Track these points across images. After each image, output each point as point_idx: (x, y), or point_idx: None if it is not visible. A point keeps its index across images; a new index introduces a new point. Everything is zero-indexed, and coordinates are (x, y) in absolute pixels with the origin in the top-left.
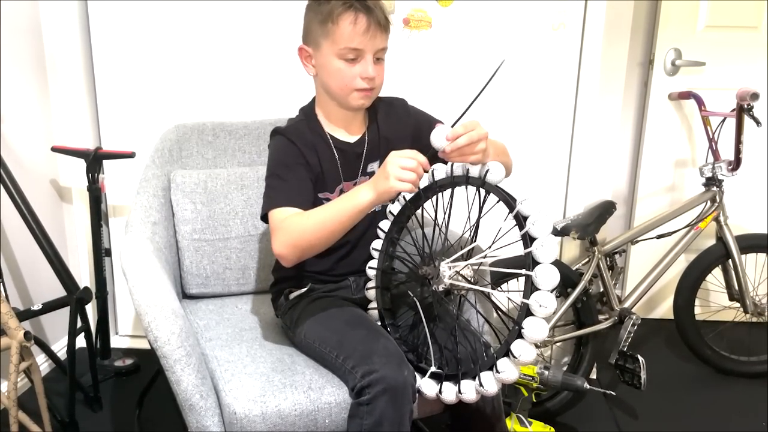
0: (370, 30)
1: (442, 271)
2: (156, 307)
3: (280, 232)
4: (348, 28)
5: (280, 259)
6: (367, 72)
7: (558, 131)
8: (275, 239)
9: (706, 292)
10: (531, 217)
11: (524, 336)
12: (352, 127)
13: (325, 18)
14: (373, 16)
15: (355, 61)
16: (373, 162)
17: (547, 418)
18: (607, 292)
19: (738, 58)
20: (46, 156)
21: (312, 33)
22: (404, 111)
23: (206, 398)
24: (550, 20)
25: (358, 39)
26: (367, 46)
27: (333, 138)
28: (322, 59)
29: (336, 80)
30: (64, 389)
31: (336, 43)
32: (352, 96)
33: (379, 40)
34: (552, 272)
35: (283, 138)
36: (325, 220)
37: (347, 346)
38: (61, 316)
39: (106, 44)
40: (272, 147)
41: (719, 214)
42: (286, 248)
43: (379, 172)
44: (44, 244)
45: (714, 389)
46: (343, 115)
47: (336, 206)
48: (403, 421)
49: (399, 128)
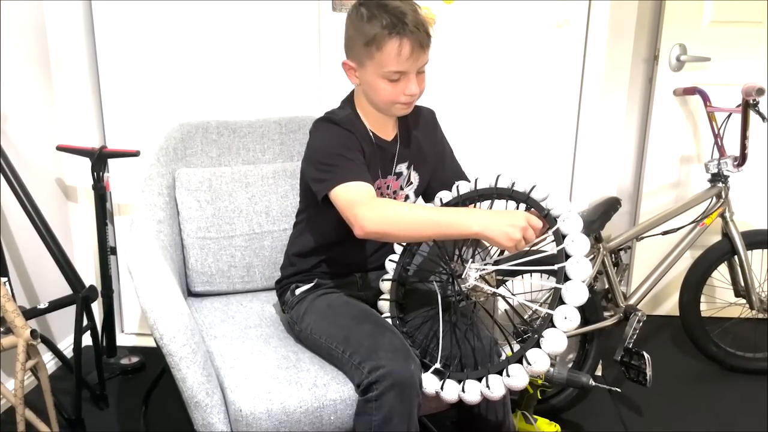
0: (414, 53)
1: (468, 272)
2: (161, 304)
3: (371, 206)
4: (392, 54)
5: (360, 228)
6: (411, 90)
7: (562, 128)
8: (361, 209)
9: (712, 288)
10: (570, 235)
11: (542, 345)
12: (386, 128)
13: (369, 41)
14: (416, 39)
15: (398, 81)
16: (402, 163)
17: (552, 415)
18: (612, 288)
19: (743, 53)
20: (51, 155)
21: (355, 50)
22: (433, 123)
23: (212, 395)
24: (554, 17)
25: (403, 64)
26: (411, 68)
27: (374, 135)
28: (366, 77)
29: (380, 97)
30: (70, 387)
31: (381, 67)
32: (396, 107)
33: (422, 60)
34: (582, 290)
35: (337, 126)
36: (425, 221)
37: (353, 341)
38: (67, 314)
39: (110, 43)
40: (325, 132)
41: (725, 210)
42: (376, 223)
43: (501, 218)
44: (50, 242)
45: (719, 386)
46: (381, 117)
47: (441, 214)
48: (411, 416)
49: (428, 138)
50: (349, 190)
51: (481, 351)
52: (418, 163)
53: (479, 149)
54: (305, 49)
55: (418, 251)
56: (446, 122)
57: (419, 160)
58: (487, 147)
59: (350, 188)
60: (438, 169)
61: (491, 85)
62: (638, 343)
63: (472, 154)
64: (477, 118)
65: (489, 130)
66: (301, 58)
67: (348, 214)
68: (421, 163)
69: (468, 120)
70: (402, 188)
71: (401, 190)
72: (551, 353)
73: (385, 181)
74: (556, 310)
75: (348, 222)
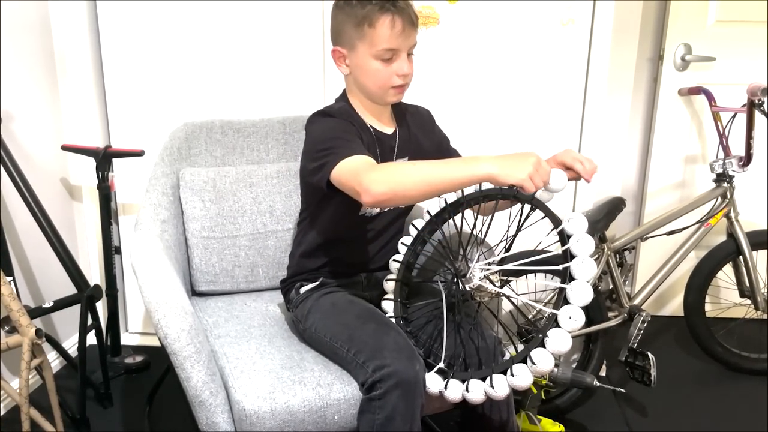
0: (405, 30)
1: (472, 272)
2: (166, 304)
3: (375, 170)
4: (386, 30)
5: (368, 194)
6: (403, 69)
7: (567, 127)
8: (365, 176)
9: (717, 288)
10: (575, 236)
11: (546, 345)
12: (383, 119)
13: (361, 21)
14: (406, 16)
15: (390, 61)
16: (402, 157)
17: (556, 416)
18: (616, 289)
19: (748, 53)
20: (56, 154)
21: (345, 35)
22: (430, 121)
23: (216, 395)
24: (558, 16)
25: (395, 40)
26: (402, 46)
27: (373, 128)
28: (358, 60)
29: (374, 79)
30: (75, 386)
31: (374, 45)
32: (389, 93)
33: (412, 38)
34: (587, 290)
35: (332, 118)
36: (433, 174)
37: (358, 340)
38: (72, 313)
39: (115, 43)
40: (323, 124)
41: (730, 210)
42: (383, 185)
43: (514, 158)
44: (55, 242)
45: (724, 386)
46: (376, 109)
47: (449, 166)
48: (414, 416)
49: (427, 133)
50: (349, 162)
51: (485, 351)
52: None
53: (484, 148)
54: (309, 48)
55: (422, 251)
56: (451, 121)
57: (418, 155)
58: (492, 146)
59: (350, 161)
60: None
61: (496, 84)
62: (643, 344)
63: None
64: (482, 116)
65: (493, 129)
66: (305, 58)
67: (353, 184)
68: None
69: (473, 119)
70: None
71: None
72: (555, 353)
73: None
74: (560, 310)
75: (355, 194)
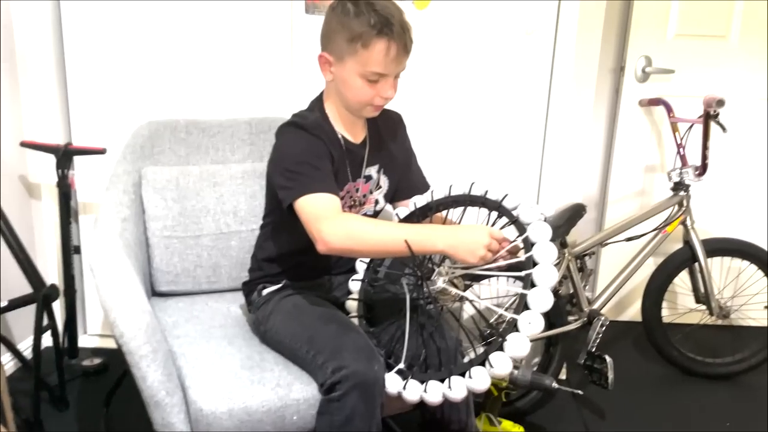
0: (398, 56)
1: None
2: (122, 302)
3: (336, 221)
4: (379, 56)
5: (323, 244)
6: (387, 93)
7: (530, 134)
8: (325, 224)
9: (674, 294)
10: (538, 243)
11: (505, 349)
12: (355, 130)
13: (355, 38)
14: (402, 42)
15: (376, 83)
16: (371, 166)
17: (516, 418)
18: (576, 293)
19: (706, 66)
20: (14, 151)
21: (335, 44)
22: (401, 128)
23: (172, 395)
24: (523, 25)
25: (386, 66)
26: (392, 71)
27: (344, 138)
28: (343, 73)
29: (355, 95)
30: (29, 388)
31: (364, 66)
32: (366, 109)
33: (403, 64)
34: (547, 296)
35: (305, 132)
36: (390, 238)
37: (318, 341)
38: (28, 314)
39: (78, 40)
40: (292, 137)
41: (686, 218)
42: (340, 239)
43: (466, 235)
44: (10, 239)
45: (679, 390)
46: (350, 119)
47: (406, 232)
48: (374, 416)
49: (397, 141)
50: (313, 202)
51: (446, 352)
52: (387, 167)
53: (449, 155)
54: (277, 50)
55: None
56: (416, 128)
57: (389, 164)
58: (457, 153)
59: (315, 200)
60: (406, 173)
61: (461, 91)
62: (601, 347)
63: (442, 160)
64: (447, 123)
65: (458, 136)
66: (273, 59)
67: (312, 229)
68: (390, 167)
69: (438, 126)
70: (371, 192)
71: (370, 194)
72: (514, 357)
73: (355, 184)
74: (520, 315)
75: (311, 237)
